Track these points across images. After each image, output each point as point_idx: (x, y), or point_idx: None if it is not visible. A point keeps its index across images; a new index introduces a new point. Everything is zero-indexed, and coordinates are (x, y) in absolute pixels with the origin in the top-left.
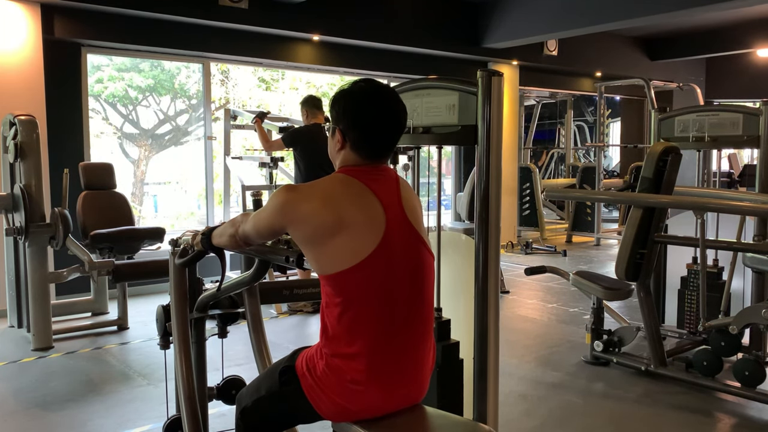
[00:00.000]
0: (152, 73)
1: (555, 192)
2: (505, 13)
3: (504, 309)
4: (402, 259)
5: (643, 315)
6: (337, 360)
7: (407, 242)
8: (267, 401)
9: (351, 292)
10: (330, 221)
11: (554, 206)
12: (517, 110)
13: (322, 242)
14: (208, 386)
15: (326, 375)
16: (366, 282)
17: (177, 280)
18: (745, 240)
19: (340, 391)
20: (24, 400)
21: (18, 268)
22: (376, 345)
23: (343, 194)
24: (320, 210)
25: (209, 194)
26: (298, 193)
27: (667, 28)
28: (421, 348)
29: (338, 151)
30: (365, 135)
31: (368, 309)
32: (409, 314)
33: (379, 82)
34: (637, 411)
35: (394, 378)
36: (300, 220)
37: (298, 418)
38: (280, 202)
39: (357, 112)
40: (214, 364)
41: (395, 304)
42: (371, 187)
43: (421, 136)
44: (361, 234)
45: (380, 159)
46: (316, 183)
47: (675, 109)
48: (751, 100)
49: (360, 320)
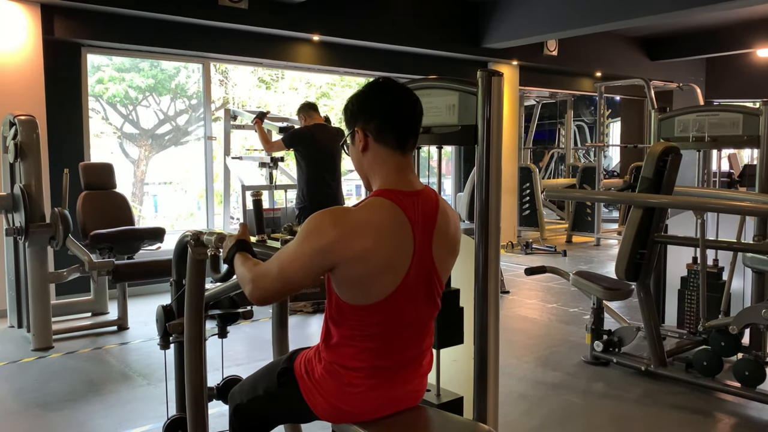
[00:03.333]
0: (152, 72)
1: (555, 192)
2: (505, 14)
3: (504, 309)
4: (413, 299)
5: (643, 315)
6: (336, 367)
7: (422, 285)
8: (264, 401)
9: (359, 320)
10: (379, 265)
11: (554, 206)
12: (518, 110)
13: (366, 279)
14: (208, 386)
15: (324, 378)
16: (374, 317)
17: (194, 277)
18: (745, 240)
19: (338, 395)
20: (24, 400)
21: (18, 268)
22: (378, 361)
23: (390, 230)
24: (374, 249)
25: (209, 194)
26: (345, 227)
27: (667, 28)
28: (419, 352)
29: (364, 153)
30: (387, 119)
31: (370, 334)
32: (413, 336)
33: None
34: (637, 411)
35: (393, 381)
36: (351, 261)
37: (294, 418)
38: (324, 241)
39: (372, 102)
40: (214, 364)
41: (399, 336)
42: (410, 218)
43: (421, 136)
44: (389, 276)
45: (407, 145)
46: (364, 212)
47: (675, 109)
48: (751, 100)
49: (362, 341)
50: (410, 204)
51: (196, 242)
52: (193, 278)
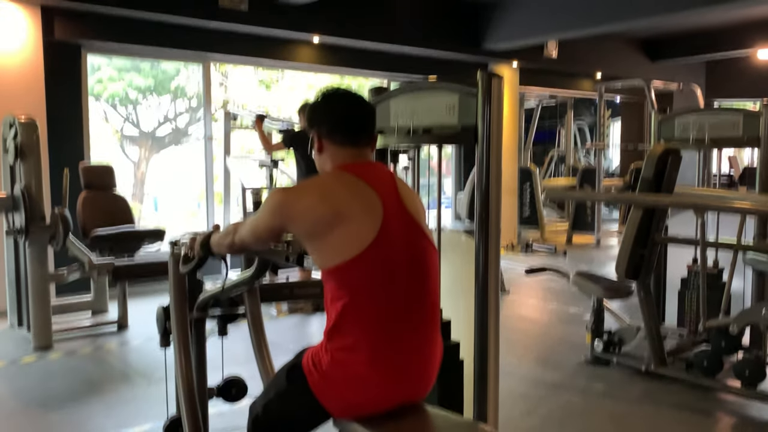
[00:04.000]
0: (152, 72)
1: (555, 192)
2: (506, 15)
3: (504, 309)
4: (401, 248)
5: (643, 315)
6: (341, 353)
7: (406, 232)
8: (276, 403)
9: (352, 284)
10: (328, 213)
11: (554, 206)
12: (518, 111)
13: (322, 235)
14: (208, 386)
15: (331, 369)
16: (366, 272)
17: (176, 281)
18: (745, 240)
19: (345, 385)
20: (24, 400)
21: (18, 268)
22: (376, 335)
23: (338, 187)
24: (317, 204)
25: (209, 195)
26: (292, 192)
27: (667, 29)
28: (425, 341)
29: (321, 154)
30: (336, 119)
31: (368, 299)
32: (409, 304)
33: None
34: (637, 411)
35: (398, 370)
36: (298, 217)
37: (306, 419)
38: (275, 202)
39: (321, 109)
40: (214, 364)
41: (394, 293)
42: (365, 179)
43: (421, 136)
44: (360, 224)
45: (359, 142)
46: (309, 180)
47: (675, 110)
48: (751, 101)
49: (360, 310)
50: (360, 170)
51: (175, 246)
52: (175, 283)
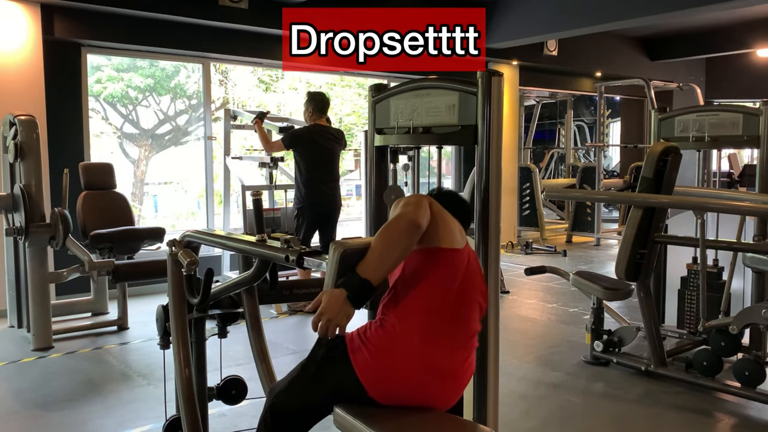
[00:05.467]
0: (151, 71)
1: (555, 192)
2: (505, 14)
3: (504, 309)
4: (471, 275)
5: (643, 315)
6: (393, 320)
7: (477, 273)
8: (301, 378)
9: (437, 270)
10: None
11: (554, 206)
12: (517, 110)
13: (445, 220)
14: (208, 386)
15: (377, 333)
16: (449, 270)
17: (175, 281)
18: (745, 240)
19: (386, 349)
20: (24, 400)
21: (18, 268)
22: (432, 326)
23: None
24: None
25: (209, 194)
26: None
27: (667, 28)
28: (463, 360)
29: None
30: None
31: (438, 291)
32: (461, 320)
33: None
34: (637, 411)
35: (441, 367)
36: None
37: (330, 393)
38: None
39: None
40: (214, 364)
41: (455, 301)
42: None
43: (421, 136)
44: (459, 232)
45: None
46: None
47: (675, 109)
48: (751, 100)
49: (426, 298)
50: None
51: (173, 245)
52: (174, 283)
